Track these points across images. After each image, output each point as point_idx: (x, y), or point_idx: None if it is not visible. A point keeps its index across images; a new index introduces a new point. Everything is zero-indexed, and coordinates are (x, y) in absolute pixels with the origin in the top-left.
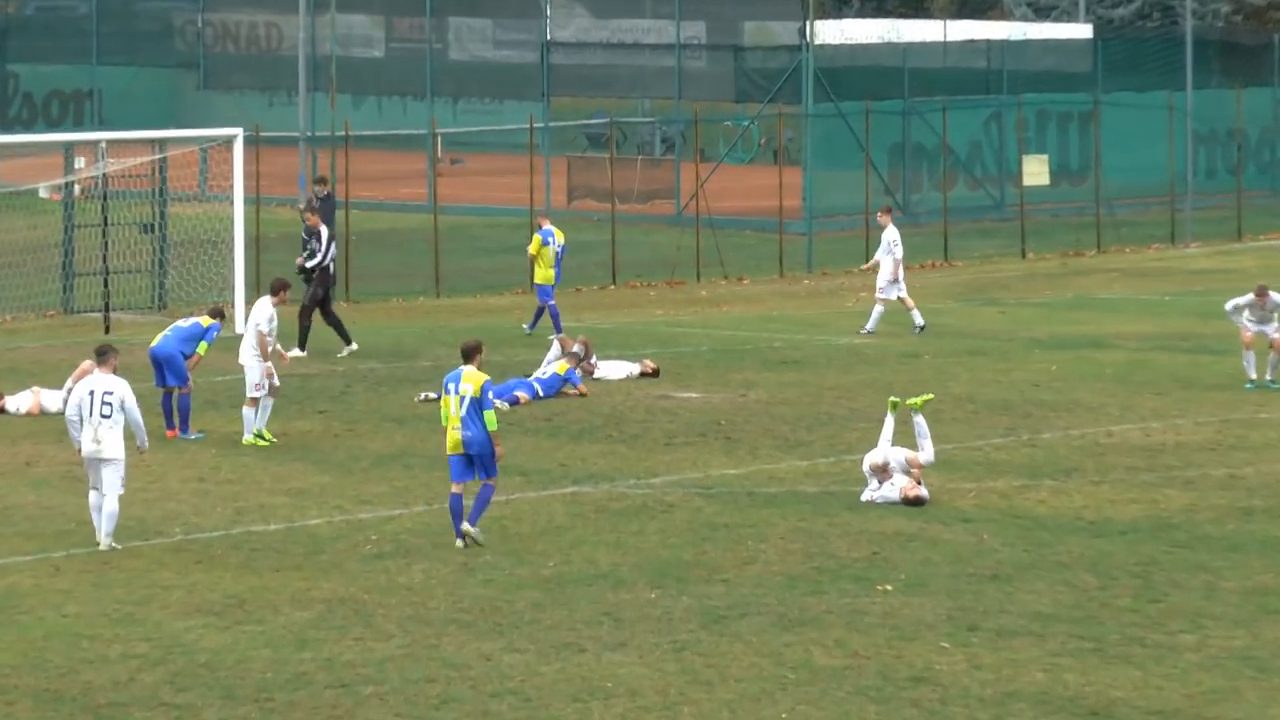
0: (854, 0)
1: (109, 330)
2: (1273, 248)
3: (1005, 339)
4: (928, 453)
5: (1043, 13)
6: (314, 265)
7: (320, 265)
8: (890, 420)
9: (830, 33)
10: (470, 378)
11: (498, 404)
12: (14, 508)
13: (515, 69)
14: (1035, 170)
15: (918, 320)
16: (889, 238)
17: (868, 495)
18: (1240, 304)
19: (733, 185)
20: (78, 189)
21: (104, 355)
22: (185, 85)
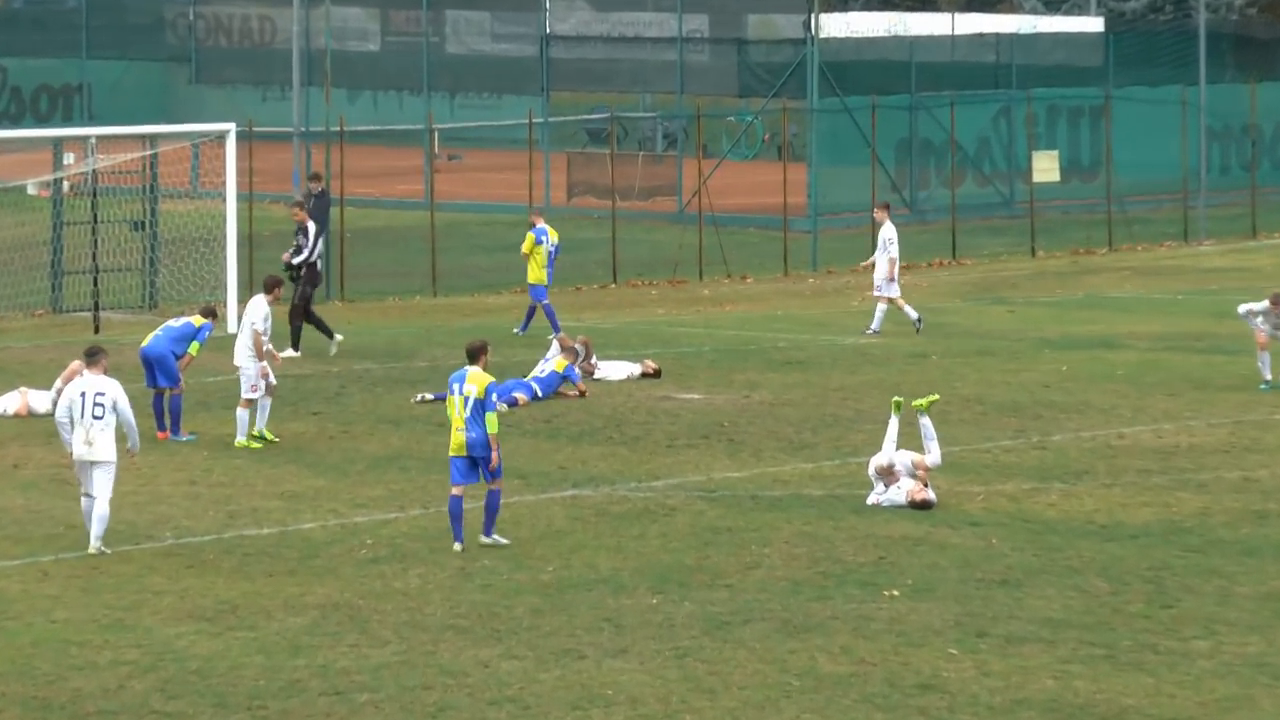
0: None
1: (98, 330)
2: None
3: (1014, 339)
4: (934, 455)
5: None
6: (300, 262)
7: (307, 262)
8: (894, 421)
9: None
10: (475, 379)
11: (499, 405)
12: (1, 511)
13: (514, 63)
14: (1045, 166)
15: (913, 315)
16: (885, 235)
17: (874, 499)
18: (1255, 309)
19: (736, 182)
20: (67, 185)
21: (94, 356)
22: (177, 79)
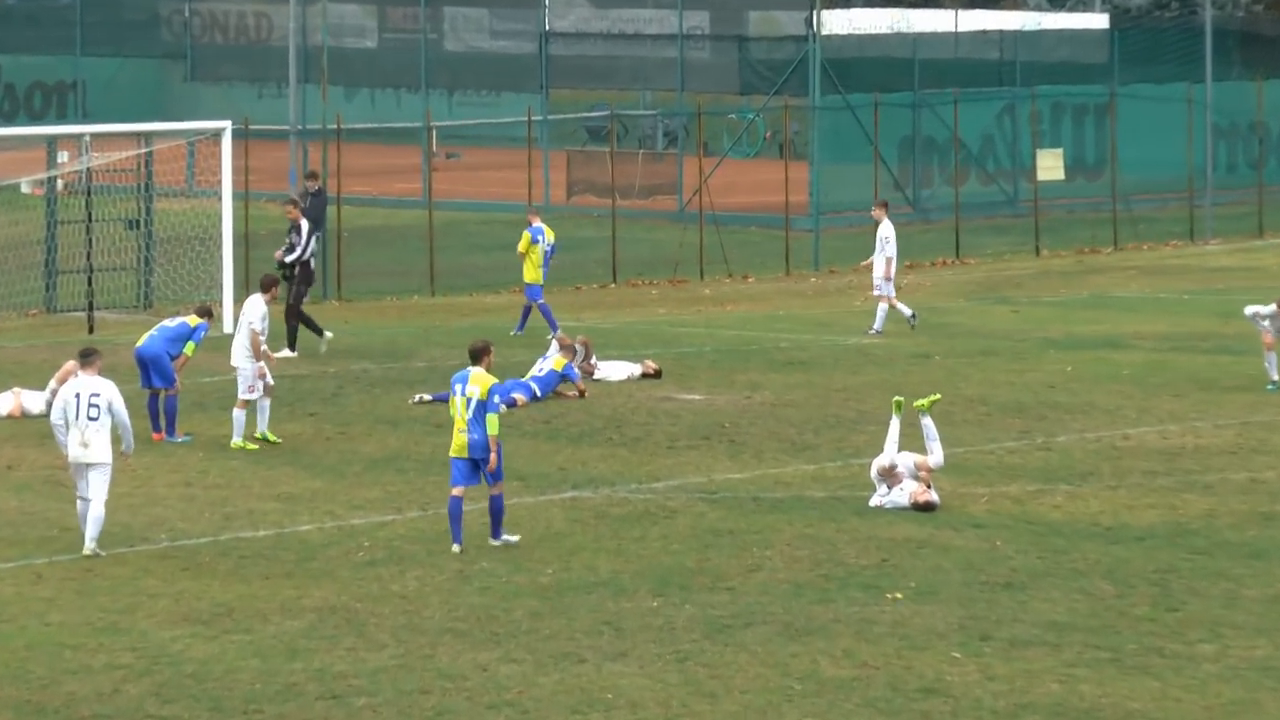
0: None
1: (93, 330)
2: None
3: (1019, 339)
4: (937, 456)
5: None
6: (293, 260)
7: (300, 260)
8: (895, 422)
9: (838, 23)
10: (478, 380)
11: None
12: None
13: (513, 60)
14: (1050, 165)
15: (906, 312)
16: (882, 234)
17: (876, 500)
18: (1261, 313)
19: (737, 180)
20: (61, 184)
21: (88, 357)
22: (172, 77)
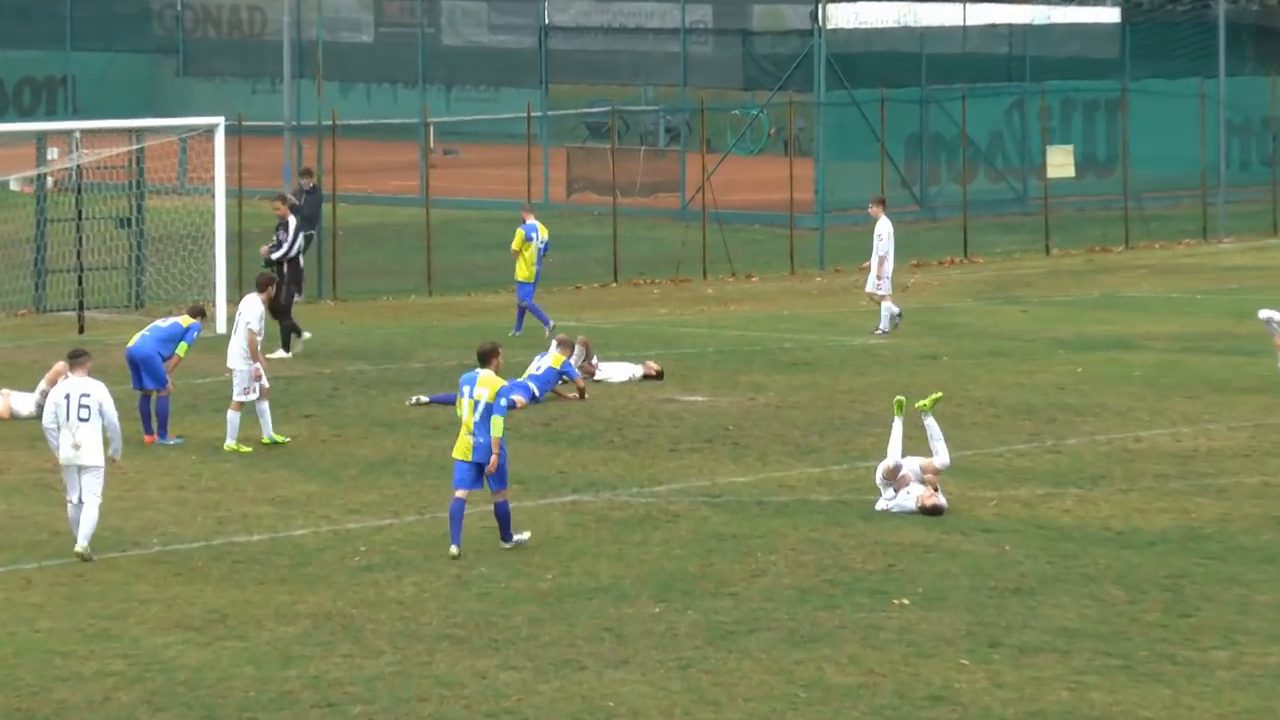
0: None
1: (83, 330)
2: None
3: (1028, 339)
4: (943, 456)
5: None
6: (279, 258)
7: (286, 257)
8: (898, 423)
9: (843, 16)
10: (486, 382)
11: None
12: None
13: (512, 55)
14: (1060, 162)
15: (894, 310)
16: (876, 231)
17: (883, 504)
18: (1276, 318)
19: (741, 177)
20: (50, 181)
21: (77, 358)
22: (164, 72)
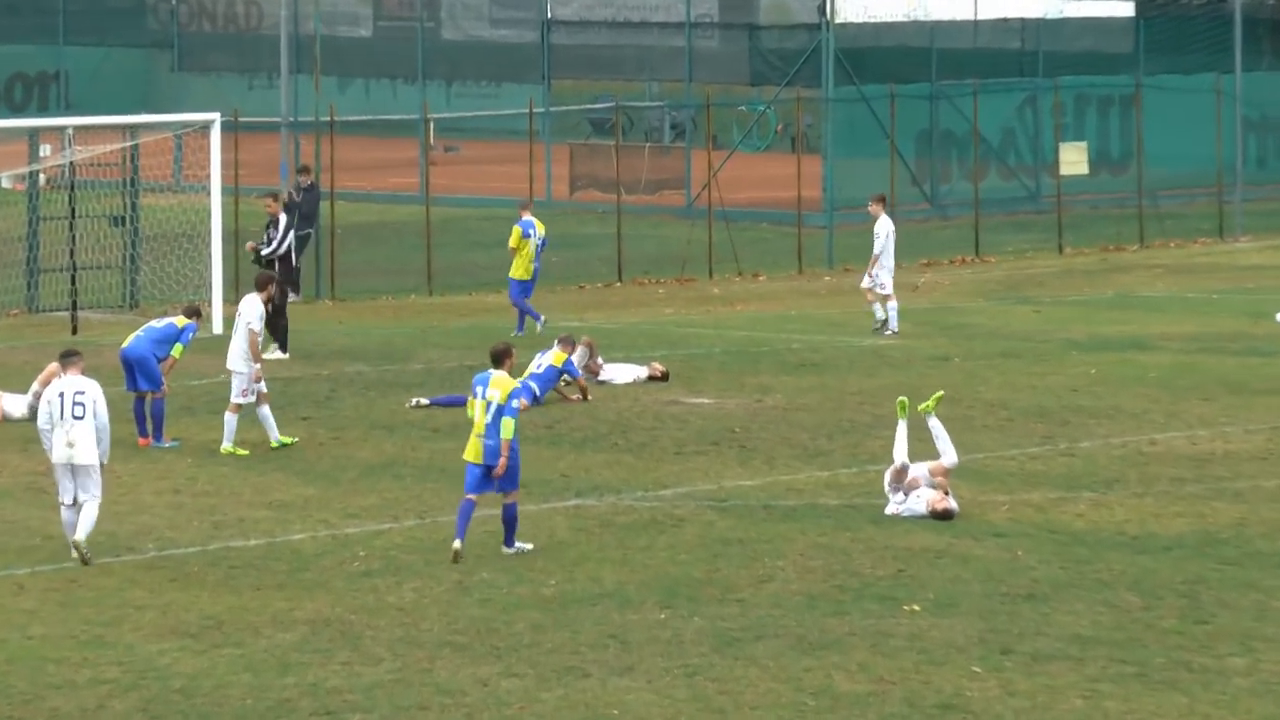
0: None
1: (76, 331)
2: None
3: (1041, 340)
4: (950, 455)
5: None
6: (268, 254)
7: (275, 255)
8: (902, 425)
9: (852, 10)
10: (499, 383)
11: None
12: None
13: (513, 49)
14: (1073, 159)
15: (880, 315)
16: (875, 229)
17: (893, 508)
18: None
19: (747, 175)
20: (43, 179)
21: (69, 359)
22: (159, 67)
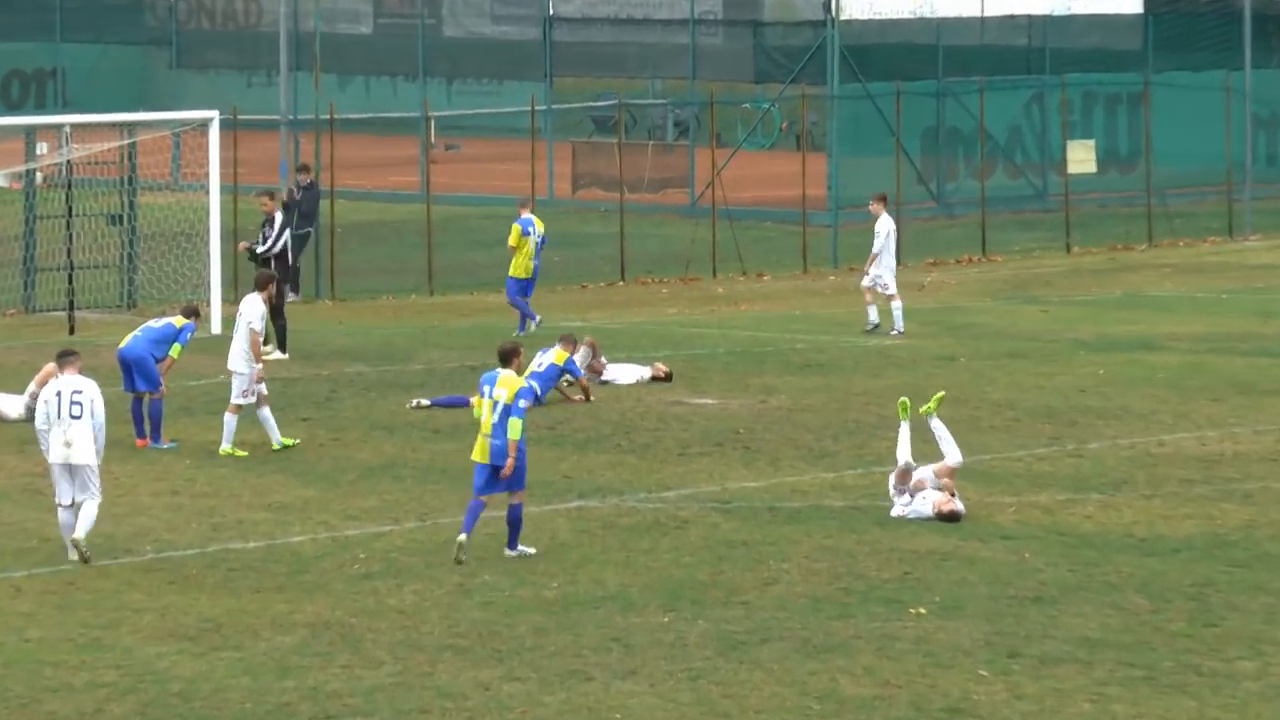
0: None
1: (73, 331)
2: None
3: (1048, 340)
4: (954, 455)
5: None
6: (262, 252)
7: (269, 253)
8: (905, 426)
9: (857, 7)
10: (506, 382)
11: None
12: None
13: (515, 47)
14: (1081, 157)
15: (872, 318)
16: (877, 228)
17: (899, 510)
18: None
19: (752, 173)
20: (40, 177)
21: (66, 358)
22: (157, 64)
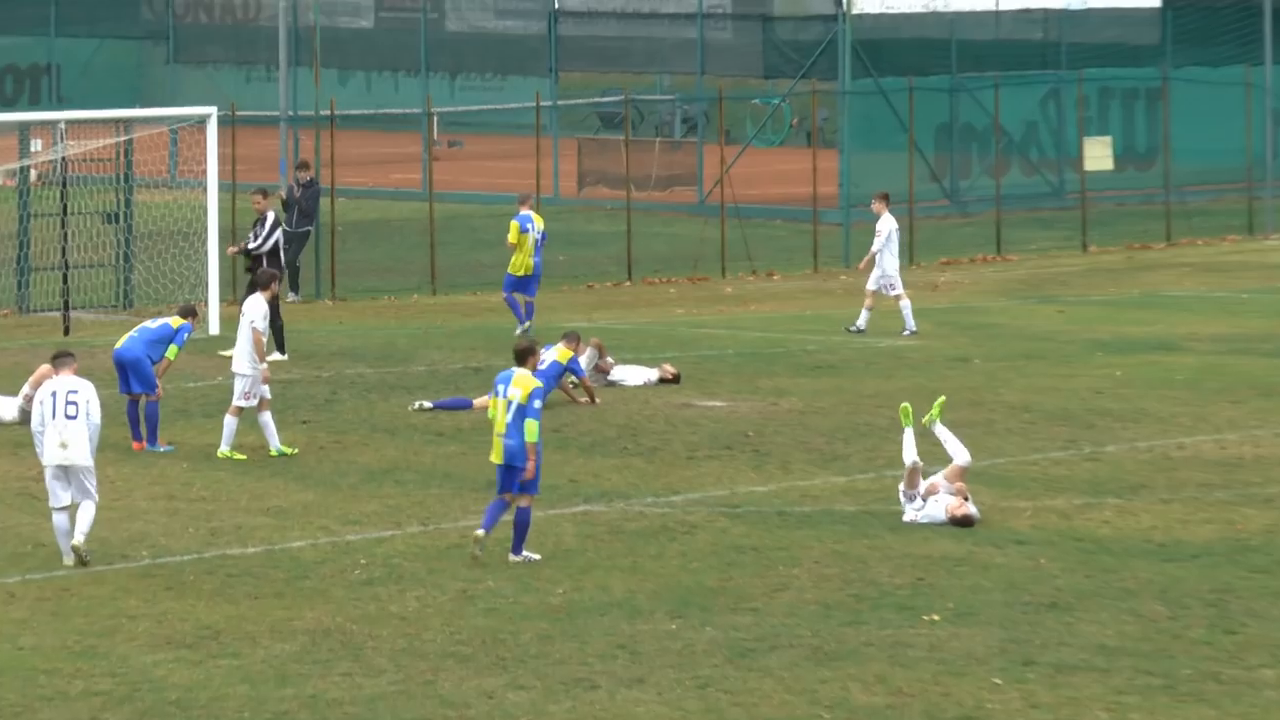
0: None
1: (68, 331)
2: None
3: (1064, 341)
4: (962, 454)
5: None
6: (254, 248)
7: (258, 251)
8: (909, 432)
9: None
10: (520, 382)
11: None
12: None
13: (519, 41)
14: (1098, 154)
15: (861, 322)
16: (878, 227)
17: (911, 515)
18: None
19: (761, 170)
20: (34, 174)
21: (61, 360)
22: (153, 59)
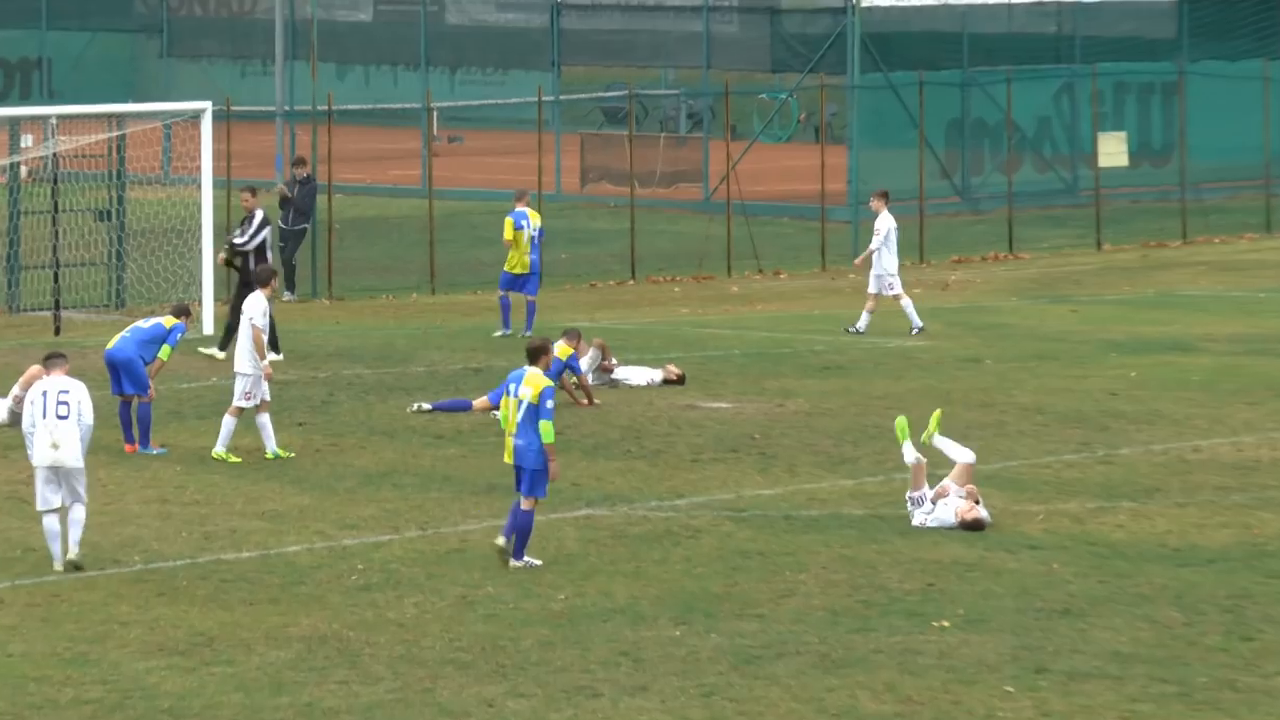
0: None
1: (59, 331)
2: None
3: (1078, 341)
4: (964, 454)
5: None
6: (241, 244)
7: (245, 248)
8: (909, 445)
9: None
10: (532, 381)
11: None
12: None
13: (521, 34)
14: (1112, 150)
15: (861, 324)
16: (877, 225)
17: (920, 519)
18: None
19: (768, 167)
20: (24, 171)
21: (53, 361)
22: (147, 53)
